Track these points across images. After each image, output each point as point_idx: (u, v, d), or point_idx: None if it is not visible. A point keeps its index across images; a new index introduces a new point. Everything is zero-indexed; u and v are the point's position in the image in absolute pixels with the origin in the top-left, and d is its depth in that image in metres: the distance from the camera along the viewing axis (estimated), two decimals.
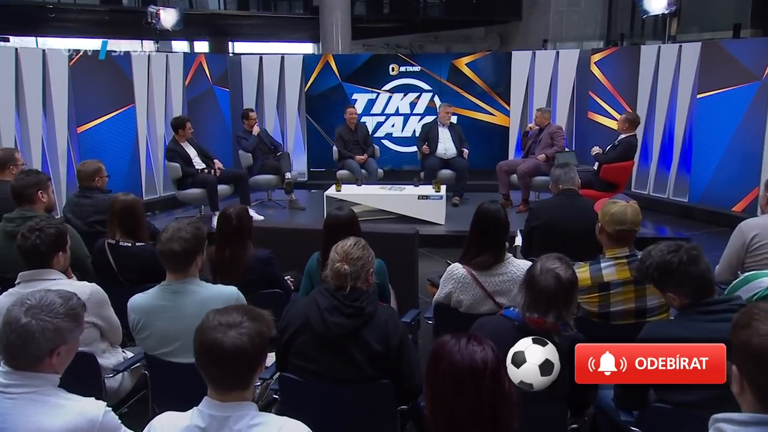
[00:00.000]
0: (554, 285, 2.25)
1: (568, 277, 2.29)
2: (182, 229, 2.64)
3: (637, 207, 3.08)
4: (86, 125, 7.76)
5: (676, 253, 2.29)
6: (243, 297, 2.71)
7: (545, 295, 2.25)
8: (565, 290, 2.26)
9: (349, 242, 2.49)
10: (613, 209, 3.01)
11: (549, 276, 2.27)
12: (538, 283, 2.27)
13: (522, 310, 2.31)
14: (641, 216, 3.08)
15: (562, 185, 4.10)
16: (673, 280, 2.31)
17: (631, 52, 9.14)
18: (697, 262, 2.28)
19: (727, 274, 3.65)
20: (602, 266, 2.95)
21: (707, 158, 7.95)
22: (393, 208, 7.41)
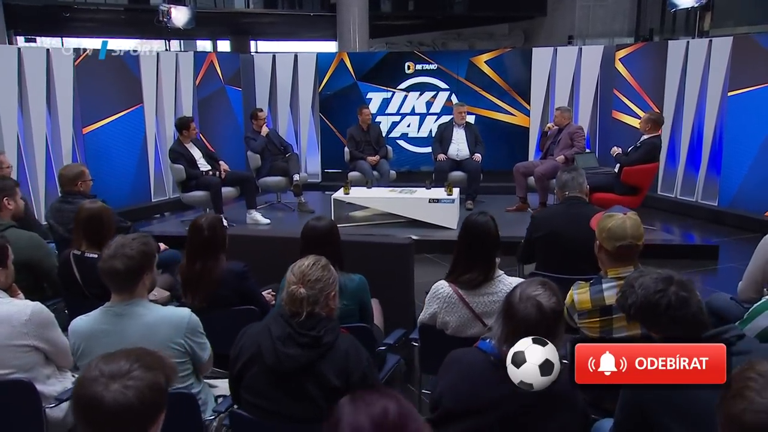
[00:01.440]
0: (535, 315, 1.94)
1: (551, 306, 1.97)
2: (127, 246, 2.37)
3: (638, 219, 2.74)
4: (92, 126, 7.63)
5: (664, 294, 1.95)
6: (197, 321, 2.44)
7: (525, 327, 1.94)
8: (547, 321, 1.94)
9: (306, 262, 2.21)
10: (610, 224, 2.68)
11: (529, 304, 1.95)
12: (517, 313, 1.96)
13: (498, 344, 2.00)
14: (643, 228, 2.73)
15: (568, 191, 3.77)
16: (658, 324, 1.99)
17: (658, 47, 8.70)
18: (687, 305, 1.94)
19: (751, 292, 3.30)
20: (604, 287, 2.62)
21: (739, 160, 7.50)
22: (403, 212, 7.13)
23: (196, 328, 2.45)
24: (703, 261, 6.23)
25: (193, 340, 2.43)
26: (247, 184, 7.39)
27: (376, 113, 9.83)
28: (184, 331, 2.40)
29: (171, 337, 2.37)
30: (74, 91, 7.37)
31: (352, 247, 3.96)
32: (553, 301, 1.98)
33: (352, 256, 3.91)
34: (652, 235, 6.84)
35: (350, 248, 3.97)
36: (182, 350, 2.41)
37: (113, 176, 7.91)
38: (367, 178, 8.04)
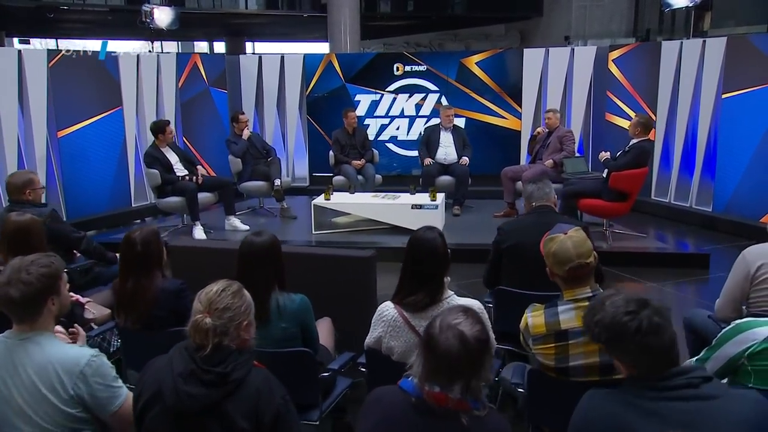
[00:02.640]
0: (457, 347, 1.71)
1: (475, 335, 1.74)
2: (23, 269, 2.10)
3: (581, 235, 2.49)
4: (68, 129, 7.43)
5: (635, 317, 1.73)
6: (100, 365, 2.06)
7: (446, 362, 1.71)
8: (470, 354, 1.71)
9: (215, 287, 1.99)
10: (553, 248, 2.45)
11: (450, 335, 1.73)
12: (438, 346, 1.73)
13: (420, 382, 1.77)
14: (590, 242, 2.49)
15: (535, 202, 3.54)
16: (625, 349, 1.76)
17: (651, 48, 8.46)
18: (659, 332, 1.71)
19: (729, 311, 3.07)
20: (560, 310, 2.39)
21: (733, 164, 7.26)
22: (385, 219, 6.90)
23: (96, 374, 2.08)
24: (693, 270, 5.99)
25: (91, 387, 2.07)
26: (226, 189, 7.19)
27: (365, 116, 9.63)
28: (76, 378, 2.05)
29: (61, 383, 2.04)
30: (48, 93, 7.18)
31: (311, 260, 3.77)
32: (476, 330, 1.75)
33: (310, 269, 3.72)
34: (642, 243, 6.62)
35: (308, 261, 3.79)
36: (73, 400, 2.05)
37: (91, 181, 7.72)
38: (350, 183, 7.84)
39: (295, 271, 3.63)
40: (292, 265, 3.68)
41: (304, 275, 3.64)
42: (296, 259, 3.71)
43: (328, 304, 3.54)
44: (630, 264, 6.16)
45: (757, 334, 2.21)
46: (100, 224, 7.71)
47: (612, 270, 6.03)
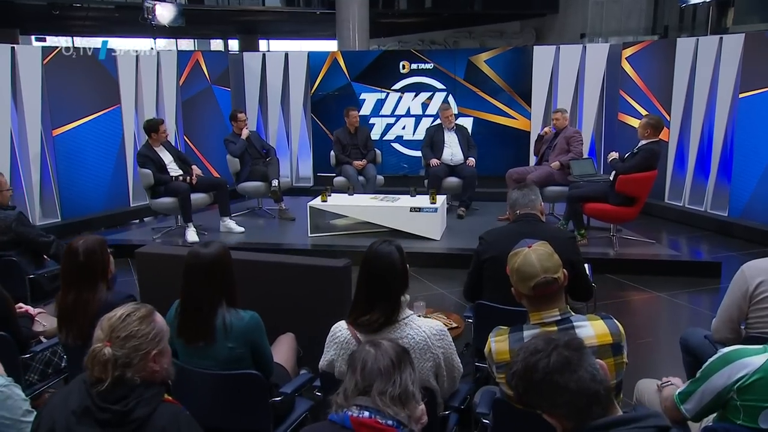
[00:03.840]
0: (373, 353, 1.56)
1: (392, 343, 1.56)
2: None
3: (547, 248, 2.22)
4: (63, 127, 7.31)
5: (543, 355, 1.46)
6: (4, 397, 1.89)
7: (368, 383, 1.51)
8: (386, 359, 1.52)
9: (120, 312, 1.78)
10: (516, 263, 2.20)
11: (367, 347, 1.54)
12: (354, 359, 1.55)
13: (346, 403, 1.56)
14: (556, 256, 2.22)
15: (519, 209, 3.28)
16: (540, 395, 1.49)
17: (666, 45, 8.12)
18: (569, 368, 1.44)
19: (726, 332, 2.80)
20: (525, 335, 2.14)
21: (750, 167, 6.92)
22: (382, 221, 6.67)
23: (2, 407, 1.89)
24: (703, 279, 5.67)
25: None
26: (221, 190, 7.00)
27: (370, 114, 9.41)
28: None
29: None
30: (43, 90, 7.05)
31: (279, 269, 3.55)
32: (394, 344, 1.59)
33: (278, 279, 3.50)
34: (650, 250, 6.31)
35: (276, 271, 3.56)
36: None
37: (87, 180, 7.60)
38: (351, 184, 7.62)
39: (262, 282, 3.44)
40: (258, 274, 3.49)
41: (271, 286, 3.45)
42: (263, 269, 3.51)
43: (298, 317, 3.33)
44: (637, 272, 5.87)
45: (748, 365, 1.95)
46: (97, 224, 7.59)
47: (617, 278, 5.77)
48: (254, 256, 3.67)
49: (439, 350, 2.28)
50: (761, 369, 1.92)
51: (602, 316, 2.20)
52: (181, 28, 9.67)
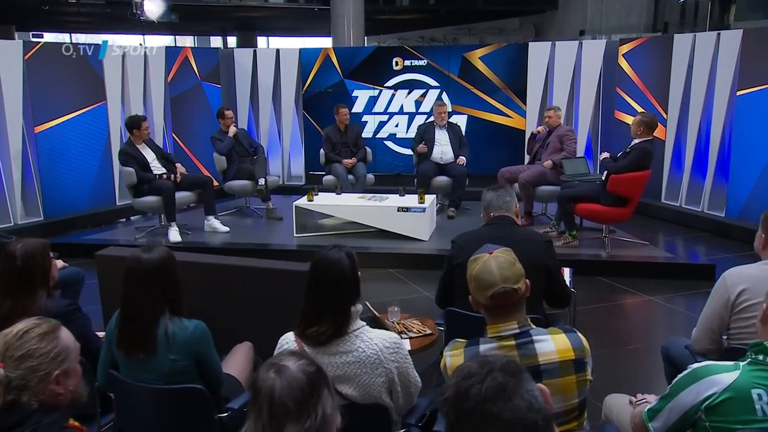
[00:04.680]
0: (279, 384, 1.33)
1: (301, 367, 1.37)
2: None
3: (509, 255, 2.05)
4: (46, 124, 7.17)
5: (476, 380, 1.28)
6: None
7: (269, 406, 1.32)
8: (296, 394, 1.33)
9: (18, 327, 1.63)
10: (474, 270, 2.03)
11: (272, 372, 1.36)
12: (256, 386, 1.36)
13: None
14: (518, 264, 2.05)
15: (493, 212, 3.12)
16: (473, 427, 1.31)
17: (663, 42, 7.92)
18: (504, 395, 1.24)
19: (706, 342, 2.64)
20: (481, 349, 1.98)
21: (748, 166, 6.74)
22: (369, 221, 6.53)
23: None
24: (697, 282, 5.49)
25: None
26: (206, 188, 6.86)
27: (363, 112, 9.25)
28: None
29: None
30: (24, 86, 6.91)
31: (239, 273, 3.38)
32: (303, 363, 1.38)
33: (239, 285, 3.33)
34: (642, 252, 6.14)
35: (237, 275, 3.39)
36: None
37: (71, 178, 7.47)
38: (339, 183, 7.47)
39: (222, 287, 3.28)
40: (219, 279, 3.32)
41: (232, 291, 3.29)
42: (223, 273, 3.35)
43: (260, 324, 3.16)
44: (629, 274, 5.71)
45: (717, 383, 1.79)
46: (82, 223, 7.45)
47: (609, 281, 5.61)
48: (214, 259, 3.52)
49: (393, 364, 2.12)
50: (731, 388, 1.76)
51: (565, 329, 2.04)
52: (180, 25, 9.54)
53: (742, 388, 1.76)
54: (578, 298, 5.27)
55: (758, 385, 1.75)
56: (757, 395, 1.74)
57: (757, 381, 1.76)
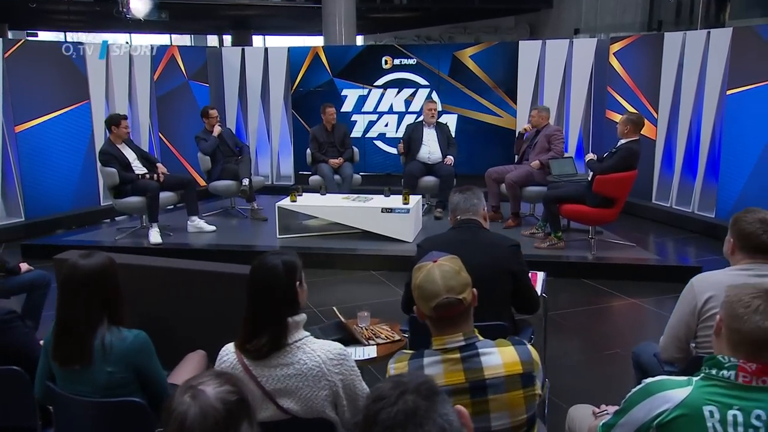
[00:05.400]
0: (192, 414, 1.23)
1: (219, 395, 1.26)
2: None
3: (455, 263, 1.93)
4: (27, 124, 7.09)
5: (387, 403, 1.18)
6: None
7: None
8: (208, 419, 1.23)
9: None
10: (418, 279, 1.93)
11: (187, 397, 1.26)
12: (170, 414, 1.26)
13: None
14: (464, 273, 1.94)
15: (460, 215, 3.02)
16: None
17: (653, 40, 7.81)
18: (414, 420, 1.13)
19: (673, 351, 2.55)
20: (425, 362, 1.88)
21: (738, 166, 6.63)
22: (353, 222, 6.44)
23: None
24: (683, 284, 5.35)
25: None
26: (188, 188, 6.77)
27: (352, 111, 9.16)
28: None
29: None
30: (4, 85, 6.83)
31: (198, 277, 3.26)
32: (223, 390, 1.27)
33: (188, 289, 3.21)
34: (628, 254, 6.04)
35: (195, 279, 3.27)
36: None
37: (53, 178, 7.39)
38: (325, 183, 7.37)
39: (176, 292, 3.16)
40: (172, 284, 3.19)
41: (186, 296, 3.18)
42: (177, 277, 3.23)
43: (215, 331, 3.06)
44: (614, 277, 5.61)
45: (669, 399, 1.70)
46: (65, 224, 7.37)
47: (594, 283, 5.52)
48: (167, 263, 3.41)
49: (337, 377, 2.02)
50: (682, 405, 1.67)
51: (514, 341, 1.95)
52: (173, 23, 9.44)
53: (694, 405, 1.66)
54: (563, 301, 5.23)
55: (710, 402, 1.66)
56: (709, 412, 1.64)
57: (709, 397, 1.66)
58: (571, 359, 4.22)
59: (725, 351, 1.72)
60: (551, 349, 4.25)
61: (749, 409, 1.62)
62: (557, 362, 4.07)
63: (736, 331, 1.68)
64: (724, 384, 1.66)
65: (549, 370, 3.87)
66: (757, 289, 1.71)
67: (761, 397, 1.63)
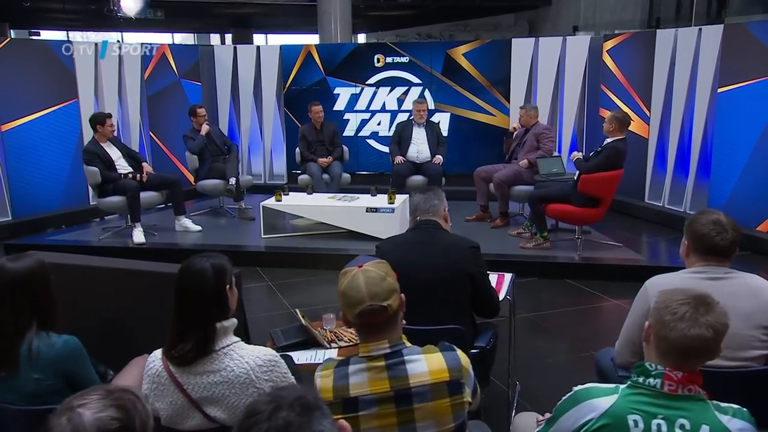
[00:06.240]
0: None
1: (98, 422, 1.19)
2: None
3: (380, 270, 1.86)
4: (14, 122, 7.07)
5: (261, 418, 1.11)
6: None
7: None
8: None
9: None
10: (342, 285, 1.86)
11: (63, 420, 1.18)
12: None
13: None
14: (390, 279, 1.87)
15: (420, 215, 2.96)
16: None
17: (645, 37, 7.70)
18: None
19: (628, 355, 2.49)
20: (350, 370, 1.82)
21: (729, 165, 6.52)
22: (337, 222, 6.39)
23: None
24: None
25: None
26: (174, 188, 6.73)
27: (344, 110, 9.10)
28: None
29: None
30: None
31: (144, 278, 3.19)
32: (105, 416, 1.20)
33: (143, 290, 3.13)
34: (614, 254, 5.96)
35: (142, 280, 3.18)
36: None
37: (41, 177, 7.37)
38: (313, 182, 7.33)
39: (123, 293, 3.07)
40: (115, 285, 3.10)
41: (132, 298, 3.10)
42: (126, 277, 3.15)
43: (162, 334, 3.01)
44: (599, 278, 5.53)
45: (595, 408, 1.64)
46: (53, 223, 7.35)
47: (578, 284, 5.45)
48: (124, 264, 3.33)
49: (267, 384, 1.97)
50: (607, 413, 1.61)
51: (444, 347, 1.88)
52: (171, 22, 9.41)
53: (618, 414, 1.61)
54: (544, 302, 5.15)
55: (635, 411, 1.60)
56: (633, 422, 1.59)
57: (634, 406, 1.61)
58: (545, 362, 4.15)
59: (653, 358, 1.67)
60: (526, 351, 4.19)
61: (673, 419, 1.57)
62: (531, 364, 4.01)
63: (663, 338, 1.63)
64: (650, 392, 1.61)
65: (521, 372, 3.82)
66: (686, 295, 1.64)
67: (686, 406, 1.58)
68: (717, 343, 1.60)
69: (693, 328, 1.58)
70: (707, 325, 1.58)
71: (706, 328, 1.58)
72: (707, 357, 1.63)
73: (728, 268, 2.41)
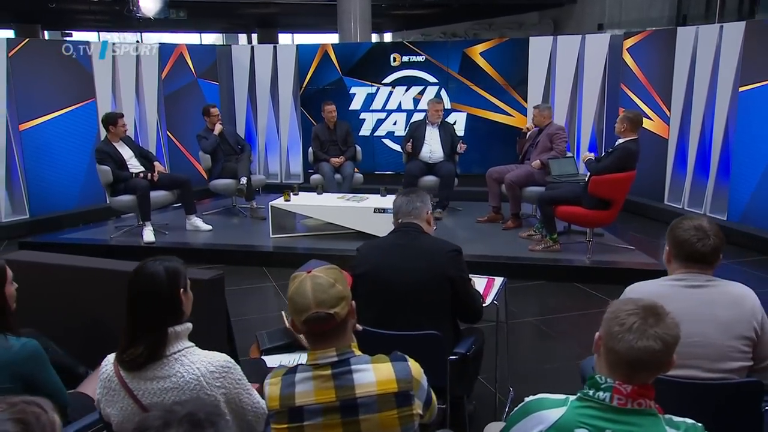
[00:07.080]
0: None
1: None
2: None
3: (329, 276, 1.78)
4: (32, 122, 7.19)
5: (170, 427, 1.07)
6: None
7: None
8: None
9: None
10: (290, 291, 1.80)
11: None
12: None
13: None
14: (339, 286, 1.80)
15: (402, 218, 2.89)
16: None
17: (666, 36, 7.51)
18: None
19: None
20: (297, 378, 1.77)
21: (750, 167, 6.33)
22: (345, 223, 6.35)
23: None
24: None
25: None
26: (185, 187, 6.75)
27: (360, 110, 9.06)
28: None
29: None
30: (9, 84, 6.93)
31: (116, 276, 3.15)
32: (2, 430, 1.17)
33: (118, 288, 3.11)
34: (626, 257, 5.81)
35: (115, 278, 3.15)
36: None
37: (58, 176, 7.48)
38: (325, 182, 7.30)
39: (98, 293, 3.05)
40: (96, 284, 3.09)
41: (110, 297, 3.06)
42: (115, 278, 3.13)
43: None
44: (609, 281, 5.37)
45: (544, 420, 1.58)
46: (70, 221, 7.43)
47: (587, 288, 5.32)
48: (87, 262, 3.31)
49: (219, 390, 1.92)
50: (555, 426, 1.54)
51: (395, 357, 1.82)
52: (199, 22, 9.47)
53: (566, 427, 1.54)
54: (549, 306, 5.04)
55: (582, 425, 1.53)
56: None
57: (582, 420, 1.53)
58: (543, 368, 4.05)
59: (603, 371, 1.59)
60: (526, 356, 4.10)
61: None
62: (529, 370, 3.92)
63: (611, 350, 1.55)
64: (599, 406, 1.54)
65: (516, 379, 3.73)
66: (636, 305, 1.56)
67: (635, 420, 1.50)
68: (667, 356, 1.52)
69: (641, 339, 1.50)
70: (656, 336, 1.50)
71: (654, 340, 1.49)
72: (658, 370, 1.54)
73: (710, 276, 2.31)
